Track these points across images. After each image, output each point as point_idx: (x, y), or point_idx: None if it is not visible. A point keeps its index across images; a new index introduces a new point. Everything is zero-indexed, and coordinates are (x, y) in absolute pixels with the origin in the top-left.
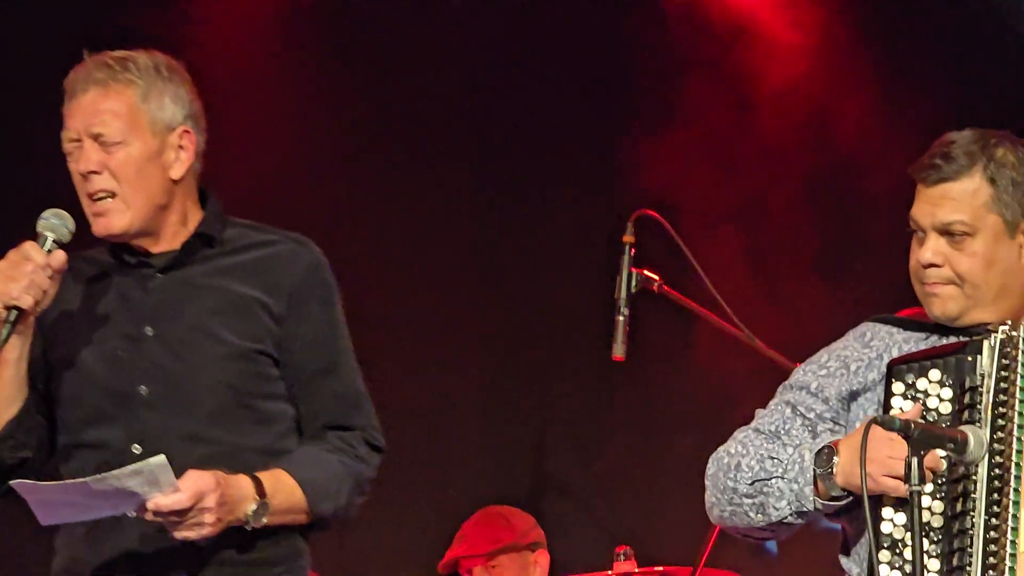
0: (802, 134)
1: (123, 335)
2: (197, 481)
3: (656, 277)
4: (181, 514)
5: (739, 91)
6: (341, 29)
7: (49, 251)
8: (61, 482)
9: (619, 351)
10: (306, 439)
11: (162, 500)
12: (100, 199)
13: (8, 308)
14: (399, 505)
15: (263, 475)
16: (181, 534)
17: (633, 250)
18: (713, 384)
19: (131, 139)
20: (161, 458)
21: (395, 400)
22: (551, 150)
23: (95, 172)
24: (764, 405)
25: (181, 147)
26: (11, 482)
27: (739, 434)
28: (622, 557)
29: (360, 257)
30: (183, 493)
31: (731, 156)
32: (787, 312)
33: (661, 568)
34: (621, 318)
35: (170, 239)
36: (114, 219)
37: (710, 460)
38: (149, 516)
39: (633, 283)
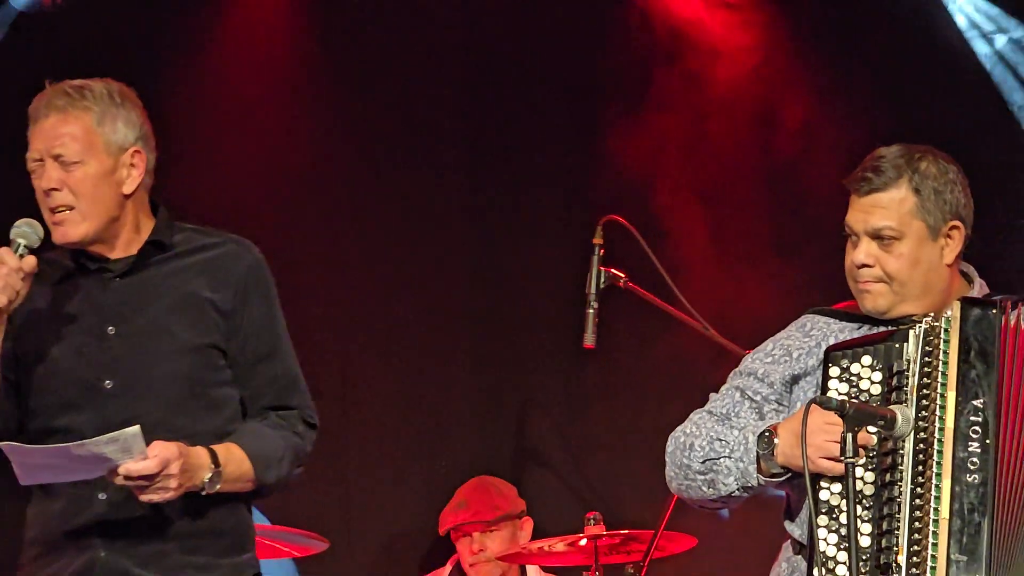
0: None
1: (88, 332)
2: (163, 450)
3: (622, 274)
4: (149, 479)
5: (698, 93)
6: (344, 35)
7: (21, 256)
8: (46, 446)
9: (590, 340)
10: (249, 418)
11: (133, 466)
12: (60, 211)
13: None
14: (396, 472)
15: (216, 447)
16: (146, 497)
17: (602, 251)
18: (672, 368)
19: (88, 159)
20: (136, 428)
21: (392, 381)
22: (531, 164)
23: (55, 189)
24: (717, 388)
25: (132, 165)
26: (1, 444)
27: (695, 415)
28: (592, 521)
29: (364, 255)
30: (151, 460)
31: (692, 155)
32: (743, 292)
33: (627, 531)
34: (591, 311)
35: (125, 246)
36: (71, 229)
37: (669, 439)
38: (119, 480)
39: (601, 280)
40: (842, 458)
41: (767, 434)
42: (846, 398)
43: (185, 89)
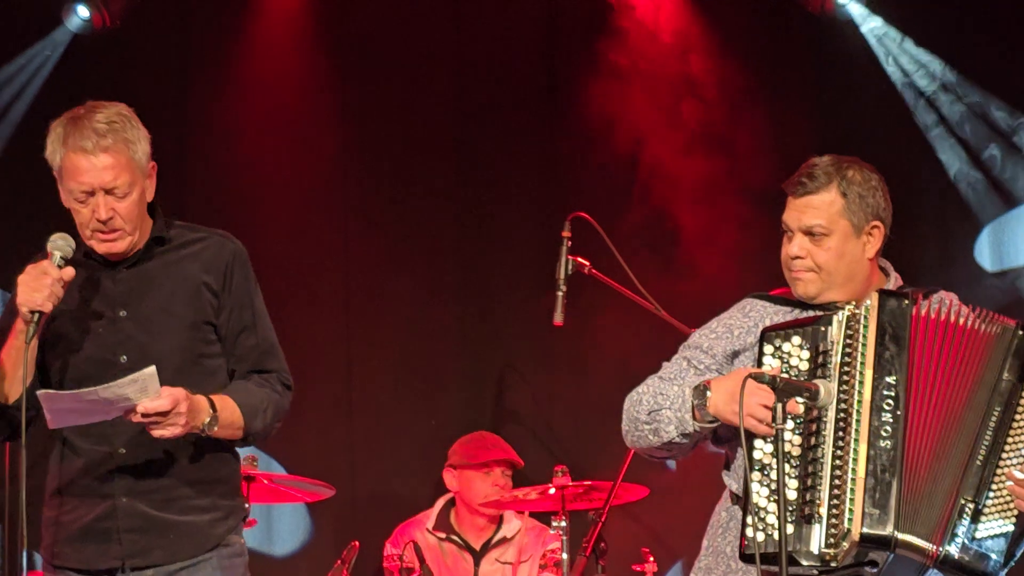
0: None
1: (101, 317)
2: (173, 392)
3: (586, 262)
4: (163, 415)
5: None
6: (352, 49)
7: (60, 266)
8: (75, 390)
9: (559, 318)
10: (235, 380)
11: (150, 403)
12: (111, 232)
13: (33, 312)
14: (395, 429)
15: (213, 396)
16: (159, 432)
17: (569, 242)
18: (628, 342)
19: (133, 190)
20: (152, 368)
21: (391, 352)
22: (508, 170)
23: (111, 217)
24: (667, 359)
25: (150, 178)
26: (37, 392)
27: (648, 379)
28: (560, 473)
29: (368, 248)
30: (164, 398)
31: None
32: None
33: (589, 482)
34: (560, 293)
35: (137, 239)
36: (120, 244)
37: (626, 399)
38: (136, 418)
39: (569, 267)
40: (773, 425)
41: (701, 387)
42: (777, 373)
43: (214, 99)
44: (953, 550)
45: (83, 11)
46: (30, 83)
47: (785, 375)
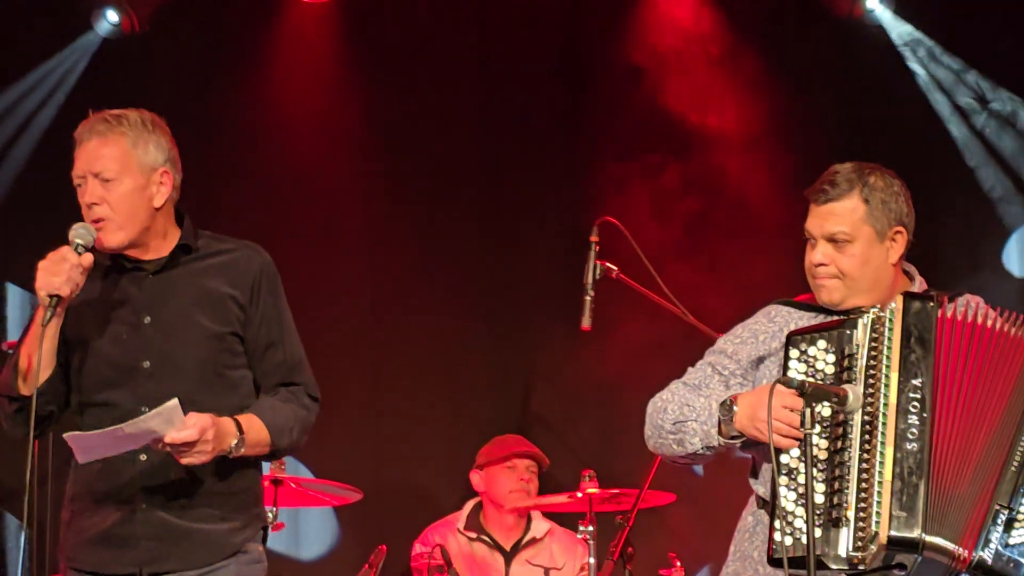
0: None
1: (125, 322)
2: (199, 420)
3: (614, 267)
4: (189, 445)
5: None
6: (376, 55)
7: (80, 253)
8: (101, 430)
9: (586, 322)
10: (262, 394)
11: (176, 435)
12: (99, 223)
13: (51, 296)
14: (422, 433)
15: (240, 417)
16: (187, 460)
17: (597, 247)
18: (655, 347)
19: (123, 177)
20: (175, 401)
21: (420, 356)
22: (540, 170)
23: (96, 203)
24: (694, 363)
25: (161, 183)
26: (64, 435)
27: (672, 385)
28: (587, 479)
29: (396, 252)
30: (192, 429)
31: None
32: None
33: (617, 489)
34: (588, 298)
35: (155, 250)
36: (109, 236)
37: (649, 403)
38: (163, 448)
39: (597, 272)
40: (801, 429)
41: (727, 402)
42: (805, 378)
43: (241, 104)
44: (987, 556)
45: (112, 16)
46: (59, 87)
47: (812, 380)
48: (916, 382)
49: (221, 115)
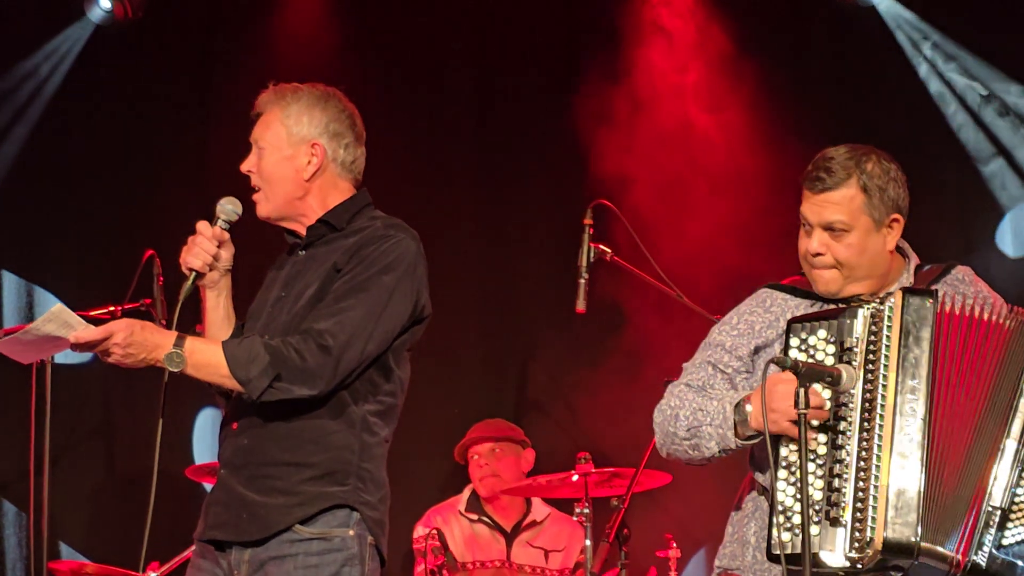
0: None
1: (269, 300)
2: (112, 324)
3: (608, 250)
4: (97, 345)
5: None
6: (374, 43)
7: (221, 227)
8: (10, 337)
9: (581, 305)
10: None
11: (80, 334)
12: (255, 192)
13: (190, 270)
14: (418, 416)
15: (191, 336)
16: (107, 360)
17: (591, 229)
18: (650, 328)
19: (270, 147)
20: (59, 304)
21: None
22: (531, 152)
23: (251, 171)
24: (686, 347)
25: (313, 155)
26: None
27: (675, 389)
28: (582, 460)
29: None
30: (94, 329)
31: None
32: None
33: (612, 469)
34: (582, 280)
35: (312, 222)
36: (260, 207)
37: (655, 411)
38: (78, 349)
39: (591, 255)
40: (796, 408)
41: (741, 403)
42: (798, 358)
43: (235, 92)
44: (981, 560)
45: (105, 3)
46: (53, 74)
47: (806, 360)
48: (913, 383)
49: (215, 103)
